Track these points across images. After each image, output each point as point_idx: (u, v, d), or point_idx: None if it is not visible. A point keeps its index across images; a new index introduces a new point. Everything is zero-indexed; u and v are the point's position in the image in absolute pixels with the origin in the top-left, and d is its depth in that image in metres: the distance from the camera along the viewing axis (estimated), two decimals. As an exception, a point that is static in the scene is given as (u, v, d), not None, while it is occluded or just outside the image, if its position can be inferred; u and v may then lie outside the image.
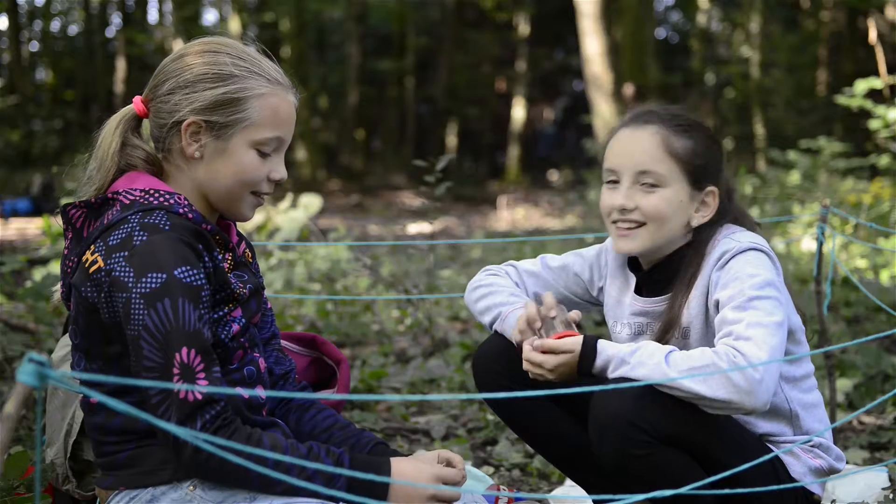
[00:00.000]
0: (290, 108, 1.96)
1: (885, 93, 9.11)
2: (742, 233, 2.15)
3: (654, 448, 1.93)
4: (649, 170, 2.14)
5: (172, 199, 1.87)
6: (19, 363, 3.36)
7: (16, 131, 18.40)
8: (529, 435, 2.40)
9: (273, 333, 2.12)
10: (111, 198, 1.90)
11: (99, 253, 1.82)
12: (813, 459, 2.14)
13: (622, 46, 14.83)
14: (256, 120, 1.90)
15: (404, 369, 4.26)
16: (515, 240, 4.12)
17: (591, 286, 2.39)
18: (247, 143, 1.90)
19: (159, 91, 1.93)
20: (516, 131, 24.08)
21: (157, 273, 1.76)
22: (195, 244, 1.82)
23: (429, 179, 4.61)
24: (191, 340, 1.75)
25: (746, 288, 1.99)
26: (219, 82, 1.89)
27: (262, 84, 1.91)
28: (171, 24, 20.18)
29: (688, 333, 2.14)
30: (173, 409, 1.73)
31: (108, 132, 1.97)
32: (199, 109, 1.88)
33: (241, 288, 1.92)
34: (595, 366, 2.00)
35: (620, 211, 2.15)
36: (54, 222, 6.79)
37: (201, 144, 1.90)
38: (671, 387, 1.91)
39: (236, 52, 1.94)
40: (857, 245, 6.97)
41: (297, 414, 2.09)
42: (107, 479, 1.91)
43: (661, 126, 2.17)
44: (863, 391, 3.73)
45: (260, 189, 1.95)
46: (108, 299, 1.80)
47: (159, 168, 1.95)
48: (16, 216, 11.47)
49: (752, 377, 1.86)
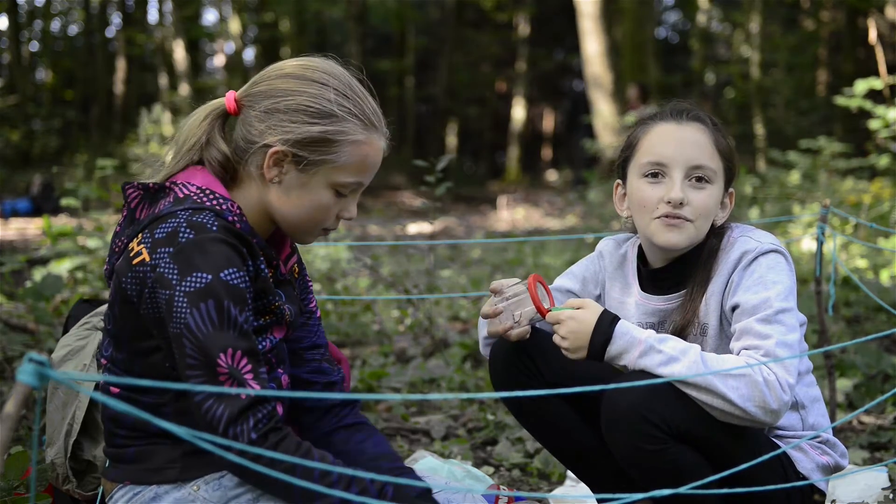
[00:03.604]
0: (378, 157, 1.93)
1: (885, 93, 9.11)
2: (758, 231, 2.15)
3: (666, 444, 1.93)
4: (704, 165, 2.12)
5: (225, 205, 1.84)
6: (19, 363, 3.36)
7: (16, 131, 18.39)
8: (540, 433, 2.38)
9: (315, 343, 2.11)
10: (168, 187, 1.89)
11: (145, 245, 1.81)
12: (820, 456, 2.15)
13: (622, 46, 14.84)
14: (343, 164, 1.88)
15: (404, 369, 4.26)
16: (515, 240, 4.12)
17: (587, 296, 2.36)
18: (328, 182, 1.88)
19: (257, 104, 1.89)
20: (516, 131, 24.09)
21: (202, 273, 1.74)
22: (240, 247, 1.81)
23: (429, 179, 4.61)
24: (235, 342, 1.73)
25: (773, 298, 1.99)
26: (318, 119, 1.86)
27: (358, 129, 1.88)
28: (171, 24, 20.16)
29: (706, 330, 2.13)
30: (222, 406, 1.70)
31: (195, 124, 1.94)
32: (292, 142, 1.85)
33: (281, 302, 1.91)
34: (614, 346, 1.98)
35: (675, 204, 2.10)
36: (53, 222, 6.80)
37: (282, 172, 1.88)
38: (699, 387, 1.91)
39: (342, 87, 1.89)
40: (857, 245, 6.97)
41: (345, 434, 2.07)
42: (113, 470, 1.92)
43: (706, 123, 2.17)
44: (863, 391, 3.73)
45: (328, 226, 1.94)
46: (151, 295, 1.79)
47: (233, 172, 1.92)
48: (16, 216, 11.49)
49: (783, 400, 1.89)
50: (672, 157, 2.12)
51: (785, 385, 1.90)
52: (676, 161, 2.12)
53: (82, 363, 2.28)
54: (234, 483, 1.84)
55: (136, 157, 13.05)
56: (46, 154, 18.54)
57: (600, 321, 2.01)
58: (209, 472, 1.87)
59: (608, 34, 14.06)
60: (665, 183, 2.13)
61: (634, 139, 2.21)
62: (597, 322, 2.01)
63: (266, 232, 1.96)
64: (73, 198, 6.15)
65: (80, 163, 15.80)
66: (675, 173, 2.12)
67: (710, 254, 2.14)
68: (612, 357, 2.00)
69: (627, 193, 2.22)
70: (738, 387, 1.89)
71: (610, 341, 1.99)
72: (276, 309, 1.90)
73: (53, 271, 5.43)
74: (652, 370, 1.95)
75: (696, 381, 1.90)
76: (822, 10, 17.78)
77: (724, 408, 1.90)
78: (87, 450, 2.25)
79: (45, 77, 23.18)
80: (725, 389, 1.89)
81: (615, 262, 2.33)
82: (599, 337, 2.00)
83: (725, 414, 1.91)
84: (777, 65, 18.74)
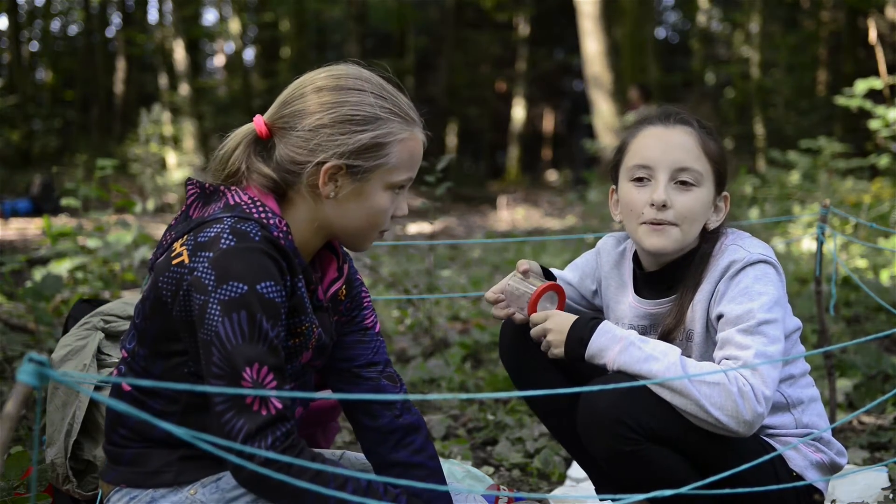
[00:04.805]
0: (421, 149, 1.94)
1: (885, 93, 9.12)
2: (749, 239, 2.14)
3: (643, 445, 1.94)
4: (690, 167, 2.12)
5: (273, 220, 1.82)
6: (19, 363, 3.36)
7: (16, 131, 18.39)
8: (549, 423, 2.39)
9: (371, 361, 2.11)
10: (222, 191, 1.88)
11: (187, 247, 1.80)
12: (814, 453, 2.14)
13: (622, 46, 14.85)
14: (395, 163, 1.88)
15: (404, 369, 4.26)
16: (515, 240, 4.11)
17: (584, 291, 2.40)
18: (383, 185, 1.88)
19: (297, 123, 1.86)
20: (516, 131, 24.09)
21: (239, 283, 1.72)
22: (281, 261, 1.79)
23: (429, 179, 4.61)
24: (263, 356, 1.71)
25: (756, 309, 1.98)
26: (366, 126, 1.85)
27: (402, 127, 1.88)
28: (171, 24, 20.15)
29: (691, 336, 2.13)
30: (242, 419, 1.69)
31: (228, 152, 1.91)
32: (346, 154, 1.84)
33: (311, 325, 1.89)
34: (594, 344, 2.01)
35: (658, 207, 2.11)
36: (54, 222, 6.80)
37: (338, 185, 1.86)
38: (674, 390, 1.91)
39: (378, 90, 1.89)
40: (857, 245, 6.98)
41: (400, 470, 2.07)
42: (111, 472, 1.92)
43: (693, 126, 2.16)
44: (863, 391, 3.73)
45: (385, 227, 1.94)
46: (186, 297, 1.77)
47: (282, 192, 1.90)
48: (16, 216, 11.49)
49: (756, 412, 1.89)
50: (657, 159, 2.13)
51: (760, 396, 1.89)
52: (661, 163, 2.13)
53: (82, 363, 2.28)
54: (232, 485, 1.84)
55: (136, 157, 13.08)
56: (46, 154, 18.54)
57: (577, 321, 2.06)
58: (206, 475, 1.86)
59: (608, 34, 14.06)
60: (651, 186, 2.14)
61: (624, 143, 2.23)
62: (574, 322, 2.06)
63: (310, 253, 1.95)
64: (73, 198, 6.14)
65: (80, 163, 15.79)
66: (660, 175, 2.13)
67: (701, 259, 2.14)
68: (593, 355, 2.02)
69: (619, 197, 2.23)
70: (711, 395, 1.89)
71: (589, 339, 2.01)
72: (304, 331, 1.88)
73: (53, 271, 5.43)
74: (630, 367, 1.96)
75: (672, 384, 1.91)
76: (822, 10, 17.77)
77: (697, 414, 1.91)
78: (87, 450, 2.25)
79: (45, 77, 23.18)
80: (699, 396, 1.89)
81: (612, 261, 2.33)
82: (576, 333, 2.03)
83: (700, 420, 1.92)
84: (777, 65, 18.74)
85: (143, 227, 6.71)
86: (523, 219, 13.72)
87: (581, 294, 2.40)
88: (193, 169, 15.27)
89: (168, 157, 15.75)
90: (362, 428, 2.11)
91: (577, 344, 2.04)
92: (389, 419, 2.09)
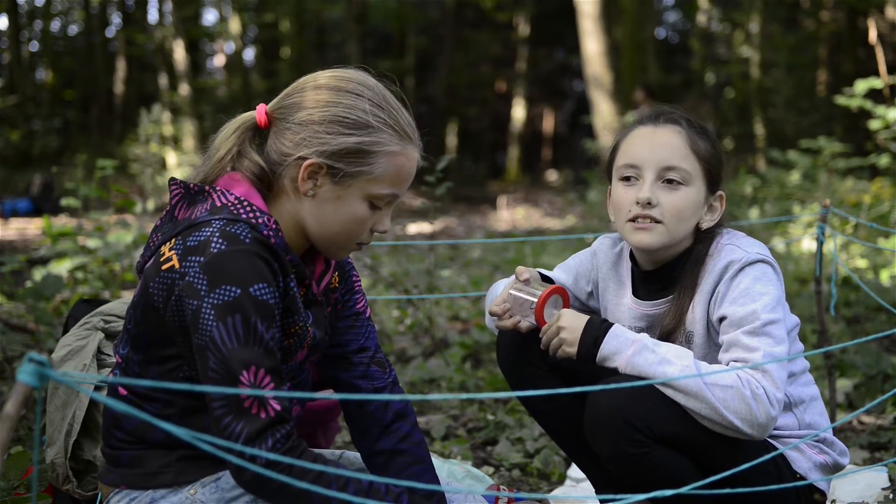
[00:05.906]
0: (413, 168, 1.91)
1: (885, 93, 9.12)
2: (745, 239, 2.14)
3: (649, 447, 1.93)
4: (676, 166, 2.12)
5: (262, 219, 1.81)
6: (19, 363, 3.36)
7: (16, 131, 18.40)
8: (540, 415, 2.38)
9: (362, 346, 2.11)
10: (207, 191, 1.86)
11: (176, 251, 1.78)
12: (818, 455, 2.14)
13: (622, 46, 14.84)
14: (379, 175, 1.85)
15: (404, 369, 4.26)
16: (515, 240, 4.11)
17: (579, 293, 2.39)
18: (363, 194, 1.86)
19: (290, 116, 1.86)
20: (516, 131, 24.10)
21: (231, 287, 1.71)
22: (272, 262, 1.78)
23: (429, 179, 4.61)
24: (259, 359, 1.71)
25: (760, 310, 1.98)
26: (353, 130, 1.83)
27: (394, 140, 1.86)
28: (171, 24, 20.17)
29: (692, 338, 2.13)
30: (241, 423, 1.68)
31: (225, 136, 1.91)
32: (327, 154, 1.83)
33: (305, 324, 1.89)
34: (607, 346, 2.00)
35: (643, 205, 2.11)
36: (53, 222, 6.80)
37: (317, 185, 1.85)
38: (688, 393, 1.91)
39: (377, 98, 1.87)
40: (857, 245, 6.98)
41: (385, 457, 2.08)
42: (109, 474, 1.91)
43: (683, 125, 2.17)
44: (863, 391, 3.73)
45: (361, 239, 1.92)
46: (178, 303, 1.76)
47: (269, 184, 1.89)
48: (16, 216, 11.50)
49: (770, 415, 1.89)
50: (644, 158, 2.14)
51: (773, 399, 1.89)
52: (648, 163, 2.13)
53: (82, 363, 2.28)
54: (231, 485, 1.84)
55: (136, 157, 13.08)
56: (46, 154, 18.53)
57: (591, 319, 2.04)
58: (205, 475, 1.86)
59: (608, 34, 14.06)
60: (638, 185, 2.14)
61: (616, 144, 2.24)
62: (588, 321, 2.05)
63: (301, 248, 1.93)
64: (73, 198, 6.15)
65: (80, 163, 15.81)
66: (647, 174, 2.13)
67: (697, 259, 2.14)
68: (605, 357, 2.01)
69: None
70: (725, 398, 1.89)
71: (602, 341, 2.00)
72: (298, 331, 1.87)
73: (53, 271, 5.43)
74: (644, 370, 1.95)
75: (686, 387, 1.90)
76: (822, 10, 17.79)
77: (711, 417, 1.90)
78: (87, 450, 2.25)
79: (45, 77, 23.20)
80: (713, 399, 1.89)
81: (609, 262, 2.33)
82: (591, 333, 2.02)
83: (713, 423, 1.91)
84: (777, 65, 18.75)
85: (143, 227, 6.70)
86: (523, 219, 13.72)
87: (575, 296, 2.39)
88: (194, 169, 15.26)
89: (168, 158, 15.75)
90: (350, 412, 2.13)
91: (591, 344, 2.03)
92: (377, 405, 2.10)
